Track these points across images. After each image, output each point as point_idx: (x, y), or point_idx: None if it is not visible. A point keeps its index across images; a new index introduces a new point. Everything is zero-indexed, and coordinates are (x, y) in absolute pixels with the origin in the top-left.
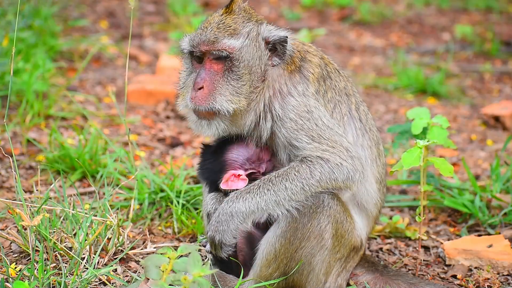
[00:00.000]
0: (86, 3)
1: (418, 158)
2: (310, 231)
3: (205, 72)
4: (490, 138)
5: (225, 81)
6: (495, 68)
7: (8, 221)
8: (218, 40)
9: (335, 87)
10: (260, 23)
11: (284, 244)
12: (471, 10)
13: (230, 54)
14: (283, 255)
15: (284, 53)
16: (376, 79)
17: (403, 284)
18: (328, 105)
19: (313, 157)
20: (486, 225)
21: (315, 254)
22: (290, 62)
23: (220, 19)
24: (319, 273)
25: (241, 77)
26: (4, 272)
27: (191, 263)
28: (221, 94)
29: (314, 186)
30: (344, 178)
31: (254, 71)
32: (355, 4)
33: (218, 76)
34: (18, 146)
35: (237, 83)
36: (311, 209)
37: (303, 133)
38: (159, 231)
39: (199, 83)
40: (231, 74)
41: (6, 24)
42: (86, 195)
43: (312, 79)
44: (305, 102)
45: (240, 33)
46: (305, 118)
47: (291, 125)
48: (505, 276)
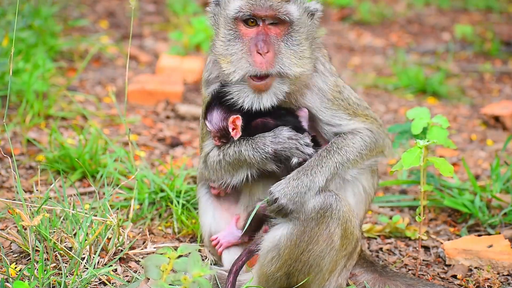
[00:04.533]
0: (86, 3)
1: (418, 158)
2: (318, 235)
3: (266, 37)
4: (490, 138)
5: (287, 46)
6: (495, 68)
7: (8, 221)
8: (281, 5)
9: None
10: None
11: (289, 246)
12: (471, 10)
13: (292, 19)
14: (287, 256)
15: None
16: (376, 79)
17: (401, 285)
18: None
19: (359, 129)
20: (486, 225)
21: (324, 257)
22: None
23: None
24: (325, 272)
25: (301, 42)
26: (4, 272)
27: (191, 263)
28: (288, 58)
29: (367, 155)
30: (380, 144)
31: (307, 38)
32: (355, 4)
33: (280, 40)
34: (18, 146)
35: (299, 48)
36: (318, 214)
37: (341, 111)
38: (159, 231)
39: (264, 47)
40: (292, 39)
41: (6, 24)
42: (86, 195)
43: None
44: (337, 83)
45: (295, 1)
46: (339, 99)
47: (328, 104)
48: (505, 276)
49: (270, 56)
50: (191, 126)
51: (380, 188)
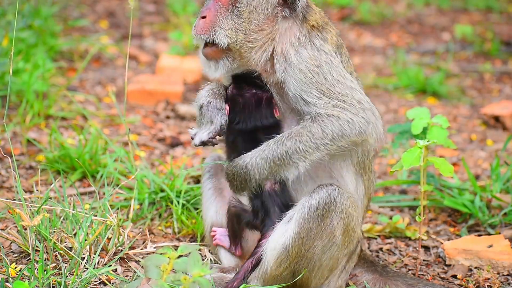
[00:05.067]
0: (86, 3)
1: (418, 158)
2: (323, 230)
3: (212, 3)
4: (490, 138)
5: (227, 15)
6: (495, 68)
7: (8, 221)
8: None
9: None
10: None
11: (297, 245)
12: (471, 10)
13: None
14: (294, 255)
15: (294, 8)
16: (376, 79)
17: (402, 285)
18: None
19: (323, 116)
20: (486, 225)
21: (326, 251)
22: (311, 20)
23: None
24: (325, 269)
25: (242, 14)
26: (4, 272)
27: (191, 263)
28: (221, 27)
29: (328, 145)
30: (356, 133)
31: (260, 11)
32: (355, 4)
33: (223, 9)
34: (18, 146)
35: (237, 19)
36: (323, 209)
37: (313, 87)
38: (159, 231)
39: (203, 12)
40: (234, 9)
41: (6, 24)
42: (86, 195)
43: (331, 42)
44: (317, 56)
45: None
46: (314, 72)
47: (300, 77)
48: (505, 276)
49: (205, 22)
50: (191, 126)
51: (380, 188)
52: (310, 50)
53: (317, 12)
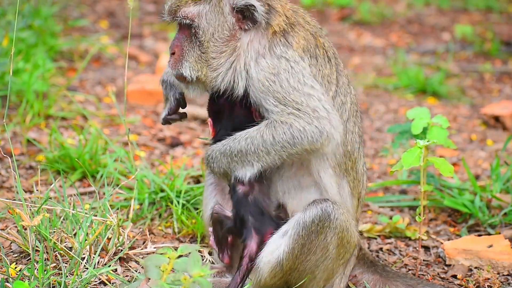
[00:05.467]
0: (86, 3)
1: (418, 158)
2: (317, 246)
3: (178, 38)
4: (490, 138)
5: (191, 47)
6: (495, 68)
7: (8, 221)
8: (179, 8)
9: (319, 70)
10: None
11: (291, 259)
12: (471, 10)
13: (191, 21)
14: (288, 268)
15: (255, 20)
16: (376, 79)
17: (401, 286)
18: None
19: (277, 122)
20: (486, 225)
21: (319, 265)
22: (274, 25)
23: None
24: (319, 280)
25: (203, 44)
26: (4, 272)
27: (191, 263)
28: (187, 60)
29: (279, 151)
30: (308, 142)
31: (217, 37)
32: (355, 4)
33: (187, 42)
34: (18, 146)
35: (199, 50)
36: (318, 226)
37: (270, 95)
38: (159, 231)
39: (172, 48)
40: (196, 40)
41: (6, 24)
42: (86, 195)
43: (296, 46)
44: (276, 64)
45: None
46: (271, 80)
47: (259, 86)
48: (505, 276)
49: (174, 58)
50: (191, 126)
51: (380, 188)
52: (269, 59)
53: (283, 13)
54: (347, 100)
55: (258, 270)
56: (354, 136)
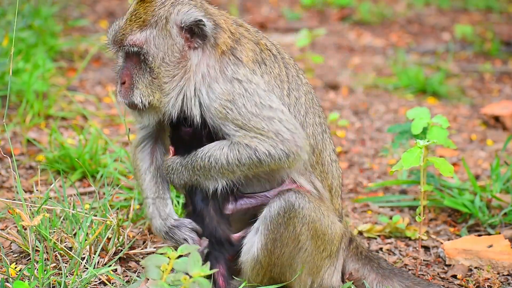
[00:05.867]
0: (86, 3)
1: (418, 158)
2: (287, 237)
3: (126, 66)
4: (490, 138)
5: (141, 74)
6: (495, 68)
7: (8, 221)
8: (125, 36)
9: (270, 73)
10: (176, 5)
11: (266, 255)
12: (471, 10)
13: (140, 48)
14: (266, 264)
15: (205, 35)
16: (376, 79)
17: (397, 285)
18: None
19: (241, 145)
20: (486, 225)
21: (295, 258)
22: (221, 43)
23: (134, 9)
24: (303, 275)
25: (153, 69)
26: (4, 272)
27: (191, 263)
28: (138, 88)
29: (244, 172)
30: (276, 163)
31: (168, 61)
32: (355, 4)
33: (136, 69)
34: (18, 146)
35: (150, 76)
36: (284, 217)
37: (229, 121)
38: None
39: (121, 78)
40: (146, 66)
41: (6, 24)
42: (86, 195)
43: (246, 60)
44: (229, 90)
45: (149, 23)
46: (228, 108)
47: (216, 113)
48: (505, 276)
49: (125, 87)
50: None
51: (380, 188)
52: (222, 83)
53: (227, 29)
54: (300, 94)
55: (242, 269)
56: (316, 128)
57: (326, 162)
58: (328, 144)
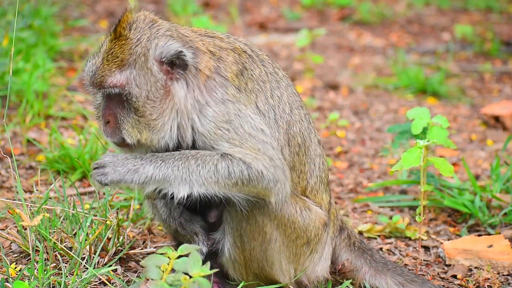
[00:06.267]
0: (86, 3)
1: (418, 158)
2: (252, 231)
3: (108, 105)
4: (490, 138)
5: (126, 114)
6: (495, 68)
7: (8, 221)
8: (104, 78)
9: (252, 76)
10: (152, 39)
11: (239, 252)
12: (471, 10)
13: (122, 89)
14: (243, 260)
15: (186, 65)
16: (376, 79)
17: (390, 281)
18: (251, 97)
19: (234, 158)
20: (486, 225)
21: (267, 249)
22: (203, 68)
23: (109, 48)
24: (284, 266)
25: (138, 109)
26: (4, 272)
27: (191, 263)
28: (125, 128)
29: (229, 186)
30: (263, 187)
31: (153, 98)
32: (355, 4)
33: (119, 109)
34: (18, 146)
35: (135, 115)
36: (243, 213)
37: (224, 140)
38: (159, 231)
39: (105, 118)
40: (130, 106)
41: (6, 24)
42: (86, 195)
43: (231, 77)
44: (224, 111)
45: (128, 62)
46: (224, 129)
47: (209, 135)
48: (505, 276)
49: (110, 127)
50: None
51: (380, 188)
52: (214, 106)
53: (207, 50)
54: (282, 91)
55: (230, 274)
56: (302, 123)
57: (310, 158)
58: (314, 137)
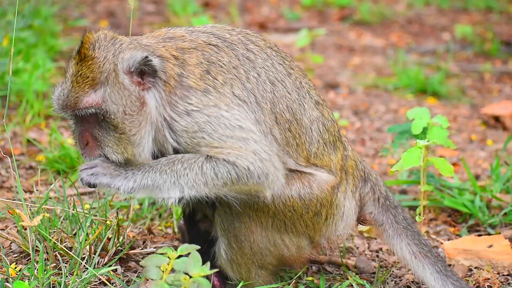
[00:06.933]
0: (86, 3)
1: (418, 158)
2: (247, 227)
3: (85, 128)
4: (490, 138)
5: (105, 132)
6: (495, 68)
7: (8, 221)
8: (79, 99)
9: (222, 67)
10: (117, 54)
11: (237, 252)
12: (471, 10)
13: (97, 109)
14: (243, 259)
15: (154, 70)
16: (376, 79)
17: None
18: (224, 90)
19: (218, 159)
20: (486, 225)
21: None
22: (168, 77)
23: (76, 70)
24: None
25: (117, 126)
26: (4, 272)
27: (191, 263)
28: (108, 146)
29: (218, 186)
30: (254, 183)
31: (130, 112)
32: (355, 4)
33: (97, 129)
34: (18, 146)
35: (115, 133)
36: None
37: (202, 146)
38: (159, 231)
39: (83, 140)
40: (108, 124)
41: (6, 24)
42: (86, 195)
43: (195, 83)
44: (192, 122)
45: (100, 81)
46: (199, 137)
47: (187, 146)
48: (505, 276)
49: (90, 147)
50: None
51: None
52: (180, 120)
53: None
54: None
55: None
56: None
57: (305, 128)
58: (308, 103)
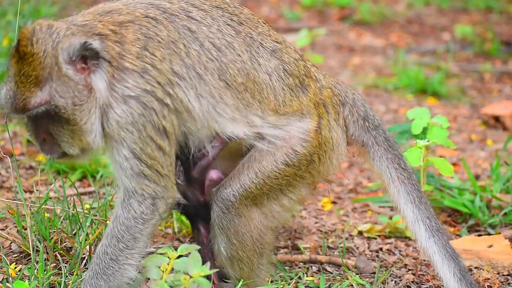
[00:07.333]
0: (86, 3)
1: (418, 158)
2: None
3: (38, 124)
4: (490, 138)
5: (60, 126)
6: (495, 68)
7: (8, 221)
8: (27, 100)
9: (160, 42)
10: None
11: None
12: (471, 10)
13: (47, 106)
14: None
15: (96, 52)
16: (376, 79)
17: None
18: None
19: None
20: (486, 225)
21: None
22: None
23: (18, 69)
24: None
25: (69, 118)
26: (4, 272)
27: (191, 263)
28: (63, 141)
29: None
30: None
31: (78, 101)
32: (355, 4)
33: (50, 125)
34: (18, 146)
35: (69, 125)
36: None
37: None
38: (159, 231)
39: (40, 137)
40: (60, 118)
41: (6, 24)
42: (86, 195)
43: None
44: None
45: (44, 78)
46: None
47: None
48: (505, 276)
49: (47, 145)
50: None
51: (380, 188)
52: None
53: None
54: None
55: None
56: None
57: (263, 80)
58: (262, 56)
